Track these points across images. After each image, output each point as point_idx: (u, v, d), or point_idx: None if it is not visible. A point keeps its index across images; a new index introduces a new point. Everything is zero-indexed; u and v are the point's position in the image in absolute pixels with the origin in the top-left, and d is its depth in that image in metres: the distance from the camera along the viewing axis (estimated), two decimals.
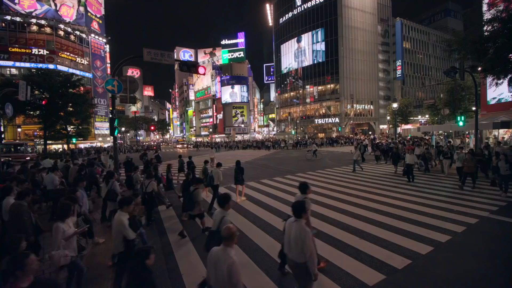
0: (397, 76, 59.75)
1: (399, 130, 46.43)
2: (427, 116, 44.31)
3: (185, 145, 57.71)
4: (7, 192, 4.86)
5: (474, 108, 17.22)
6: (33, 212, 4.70)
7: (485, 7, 12.95)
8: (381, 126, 59.09)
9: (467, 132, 21.39)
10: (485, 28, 11.51)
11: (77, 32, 53.60)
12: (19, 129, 39.38)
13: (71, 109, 32.06)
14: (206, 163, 9.25)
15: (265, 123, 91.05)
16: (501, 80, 11.88)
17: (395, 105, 25.11)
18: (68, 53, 51.40)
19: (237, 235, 2.59)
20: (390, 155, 14.25)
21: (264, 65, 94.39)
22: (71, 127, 33.61)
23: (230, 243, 2.49)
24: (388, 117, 54.85)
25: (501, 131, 18.05)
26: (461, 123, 14.88)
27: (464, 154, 9.94)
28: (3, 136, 13.94)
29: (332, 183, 11.21)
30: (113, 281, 3.75)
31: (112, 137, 9.25)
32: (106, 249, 5.12)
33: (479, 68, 13.31)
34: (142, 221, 5.48)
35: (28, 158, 23.60)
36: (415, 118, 49.38)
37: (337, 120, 55.30)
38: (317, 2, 57.72)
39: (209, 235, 3.55)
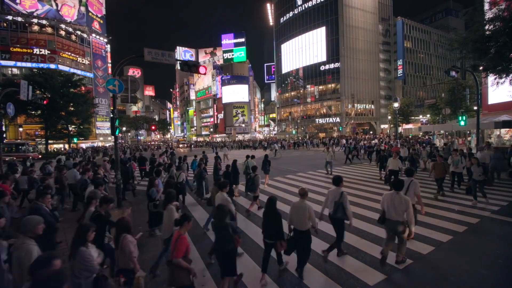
0: (398, 75, 59.54)
1: (400, 129, 46.29)
2: (428, 115, 44.21)
3: (185, 145, 58.65)
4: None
5: (475, 108, 17.12)
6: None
7: (486, 6, 12.86)
8: (382, 126, 58.91)
9: (468, 132, 21.30)
10: (486, 27, 11.44)
11: (78, 32, 53.69)
12: (20, 129, 39.43)
13: (72, 108, 32.16)
14: (247, 158, 10.35)
15: (265, 123, 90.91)
16: (503, 79, 11.83)
17: (396, 104, 24.89)
18: (69, 53, 51.49)
19: (308, 192, 4.32)
20: (377, 157, 13.81)
21: (265, 64, 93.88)
22: (72, 126, 33.69)
23: (305, 197, 4.22)
24: (389, 117, 54.69)
25: (503, 130, 17.96)
26: (462, 123, 14.82)
27: (460, 158, 9.23)
28: (4, 135, 13.97)
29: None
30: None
31: (113, 137, 9.24)
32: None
33: (481, 68, 13.23)
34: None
35: (30, 157, 23.73)
36: (416, 117, 49.21)
37: (338, 119, 55.19)
38: (317, 2, 57.47)
39: (335, 205, 4.54)
